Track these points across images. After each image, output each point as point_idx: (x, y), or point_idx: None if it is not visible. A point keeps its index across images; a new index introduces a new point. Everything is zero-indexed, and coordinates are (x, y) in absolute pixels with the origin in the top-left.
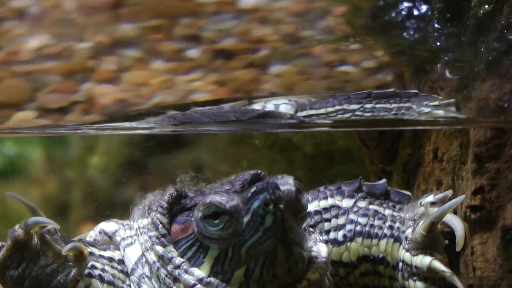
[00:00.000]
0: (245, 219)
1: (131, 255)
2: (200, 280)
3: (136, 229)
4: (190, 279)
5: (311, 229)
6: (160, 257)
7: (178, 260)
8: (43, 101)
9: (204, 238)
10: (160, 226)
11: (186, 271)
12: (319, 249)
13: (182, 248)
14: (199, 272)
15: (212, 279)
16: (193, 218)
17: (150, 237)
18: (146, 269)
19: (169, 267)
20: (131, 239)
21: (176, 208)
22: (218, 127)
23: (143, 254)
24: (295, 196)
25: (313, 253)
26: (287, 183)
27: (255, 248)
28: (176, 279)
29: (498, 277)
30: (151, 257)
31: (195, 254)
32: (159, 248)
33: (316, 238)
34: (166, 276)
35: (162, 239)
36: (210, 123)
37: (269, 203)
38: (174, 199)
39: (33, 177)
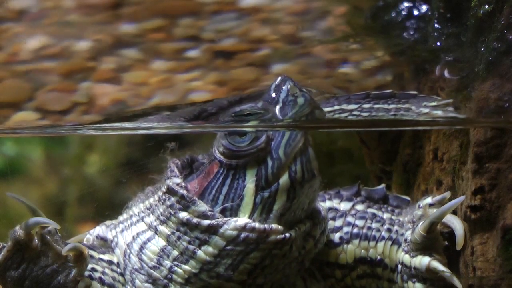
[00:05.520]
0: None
1: (119, 254)
2: (243, 228)
3: (137, 213)
4: (230, 232)
5: None
6: (183, 224)
7: (210, 212)
8: (43, 101)
9: (240, 157)
10: (178, 188)
11: (224, 222)
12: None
13: (213, 192)
14: (241, 221)
15: (254, 223)
16: (217, 152)
17: (169, 206)
18: (133, 261)
19: (199, 226)
20: (116, 239)
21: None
22: (216, 128)
23: (127, 247)
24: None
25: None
26: None
27: (290, 146)
28: (205, 241)
29: (498, 277)
30: (167, 230)
31: (232, 184)
32: (183, 214)
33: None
34: (190, 242)
35: (188, 198)
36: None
37: (295, 89)
38: (186, 163)
39: (33, 177)
